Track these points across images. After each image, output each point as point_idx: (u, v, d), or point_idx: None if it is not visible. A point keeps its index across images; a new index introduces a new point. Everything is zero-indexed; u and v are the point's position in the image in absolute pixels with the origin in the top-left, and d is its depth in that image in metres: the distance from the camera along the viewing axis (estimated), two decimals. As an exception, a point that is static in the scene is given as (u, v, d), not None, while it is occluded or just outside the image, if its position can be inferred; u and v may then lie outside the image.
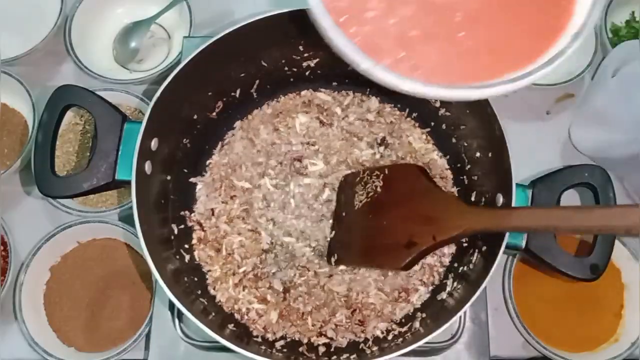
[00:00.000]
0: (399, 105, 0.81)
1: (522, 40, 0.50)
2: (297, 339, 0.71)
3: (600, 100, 0.82)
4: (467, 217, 0.61)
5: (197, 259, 0.74)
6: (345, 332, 0.71)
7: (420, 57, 0.49)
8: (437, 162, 0.78)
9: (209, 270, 0.73)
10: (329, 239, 0.74)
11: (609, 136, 0.81)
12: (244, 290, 0.72)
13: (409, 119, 0.80)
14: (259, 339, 0.70)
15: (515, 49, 0.50)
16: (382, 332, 0.71)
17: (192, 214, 0.76)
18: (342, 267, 0.73)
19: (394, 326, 0.71)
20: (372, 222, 0.69)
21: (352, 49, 0.47)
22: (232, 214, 0.75)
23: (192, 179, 0.77)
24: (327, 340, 0.70)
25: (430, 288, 0.73)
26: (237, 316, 0.71)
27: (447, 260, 0.74)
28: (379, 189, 0.71)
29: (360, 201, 0.72)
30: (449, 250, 0.74)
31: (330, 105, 0.81)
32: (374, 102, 0.81)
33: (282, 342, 0.70)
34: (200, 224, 0.75)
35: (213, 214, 0.75)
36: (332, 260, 0.72)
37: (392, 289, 0.73)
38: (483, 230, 0.61)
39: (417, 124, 0.80)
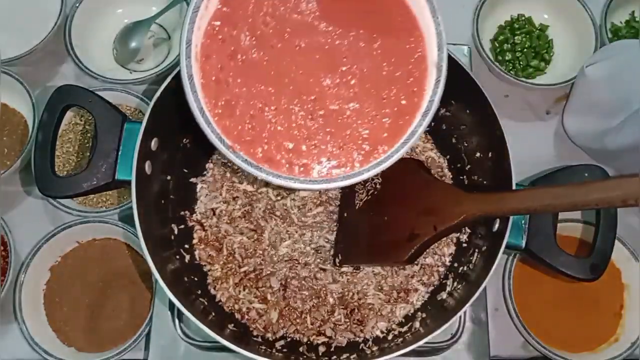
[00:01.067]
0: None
1: (383, 129, 0.58)
2: (297, 338, 0.71)
3: (582, 88, 0.83)
4: (467, 204, 0.61)
5: (198, 259, 0.74)
6: (344, 332, 0.71)
7: (307, 159, 0.58)
8: (435, 161, 0.78)
9: (210, 270, 0.73)
10: (331, 242, 0.74)
11: (600, 122, 0.81)
12: (244, 290, 0.72)
13: None
14: (259, 339, 0.70)
15: (378, 138, 0.57)
16: (383, 332, 0.71)
17: (193, 214, 0.76)
18: (343, 268, 0.73)
19: (394, 326, 0.71)
20: (374, 219, 0.70)
21: (249, 169, 0.57)
22: (233, 215, 0.75)
23: (193, 179, 0.77)
24: (326, 339, 0.70)
25: (431, 288, 0.73)
26: (237, 316, 0.71)
27: (447, 260, 0.74)
28: (378, 186, 0.71)
29: (361, 200, 0.72)
30: (449, 250, 0.74)
31: None
32: None
33: (282, 342, 0.70)
34: (201, 224, 0.75)
35: (214, 214, 0.75)
36: (337, 261, 0.72)
37: (392, 289, 0.73)
38: (484, 215, 0.61)
39: None
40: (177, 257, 0.72)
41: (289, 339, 0.71)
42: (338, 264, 0.72)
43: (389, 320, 0.71)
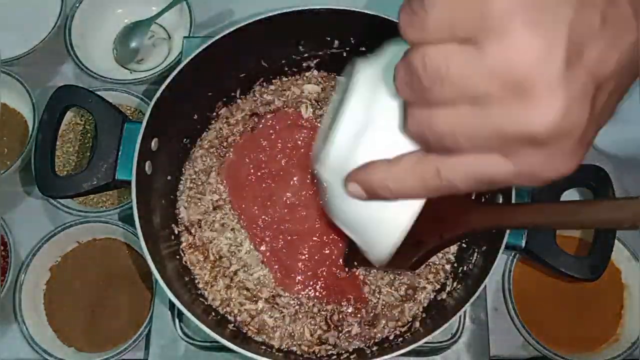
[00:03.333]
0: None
1: None
2: (294, 350, 0.69)
3: None
4: (475, 215, 0.60)
5: (188, 263, 0.72)
6: (353, 339, 0.70)
7: None
8: None
9: (198, 275, 0.72)
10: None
11: (628, 130, 0.80)
12: (235, 290, 0.71)
13: None
14: (259, 339, 0.70)
15: None
16: (389, 332, 0.70)
17: (179, 222, 0.74)
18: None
19: (398, 324, 0.71)
20: None
21: None
22: (214, 226, 0.74)
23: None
24: (330, 347, 0.69)
25: (437, 286, 0.72)
26: (230, 318, 0.70)
27: (452, 258, 0.73)
28: None
29: None
30: (452, 249, 0.74)
31: None
32: None
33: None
34: (187, 229, 0.74)
35: (199, 225, 0.74)
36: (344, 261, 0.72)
37: (401, 285, 0.72)
38: (490, 227, 0.61)
39: None
40: (177, 257, 0.72)
41: (286, 349, 0.70)
42: (346, 265, 0.72)
43: (397, 320, 0.71)
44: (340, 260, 0.72)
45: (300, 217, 0.73)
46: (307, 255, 0.72)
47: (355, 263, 0.71)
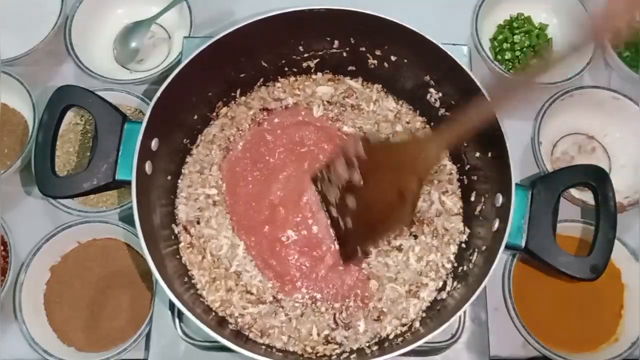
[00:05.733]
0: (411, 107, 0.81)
1: None
2: (296, 350, 0.69)
3: None
4: (431, 147, 0.65)
5: (187, 263, 0.72)
6: (362, 337, 0.70)
7: None
8: (447, 167, 0.78)
9: (197, 275, 0.72)
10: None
11: None
12: (237, 294, 0.71)
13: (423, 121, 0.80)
14: (261, 341, 0.70)
15: None
16: (393, 330, 0.70)
17: (177, 219, 0.74)
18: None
19: (401, 322, 0.71)
20: (359, 203, 0.69)
21: None
22: (210, 222, 0.74)
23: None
24: (335, 346, 0.70)
25: (439, 284, 0.73)
26: (231, 321, 0.70)
27: (452, 257, 0.73)
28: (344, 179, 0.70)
29: (337, 195, 0.72)
30: (453, 249, 0.74)
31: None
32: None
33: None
34: (186, 229, 0.74)
35: (198, 222, 0.74)
36: (344, 257, 0.72)
37: (405, 282, 0.72)
38: (447, 146, 0.68)
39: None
40: (177, 256, 0.72)
41: (287, 349, 0.70)
42: (343, 261, 0.72)
43: (401, 317, 0.71)
44: (327, 258, 0.73)
45: (281, 216, 0.73)
46: (300, 262, 0.72)
47: (350, 255, 0.71)
